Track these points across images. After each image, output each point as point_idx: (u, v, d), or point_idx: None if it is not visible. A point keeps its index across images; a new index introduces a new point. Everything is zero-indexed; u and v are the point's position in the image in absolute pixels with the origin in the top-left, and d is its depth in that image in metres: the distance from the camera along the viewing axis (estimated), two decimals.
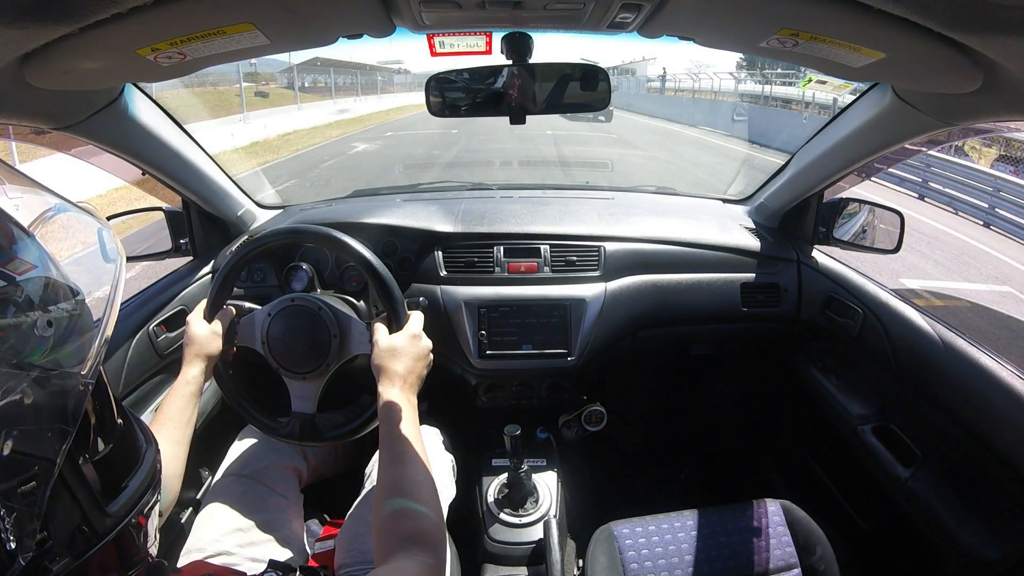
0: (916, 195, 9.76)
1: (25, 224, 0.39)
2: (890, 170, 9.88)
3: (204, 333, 0.98)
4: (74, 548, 0.38)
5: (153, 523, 0.49)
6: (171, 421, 0.88)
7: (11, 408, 0.32)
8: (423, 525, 0.69)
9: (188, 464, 0.88)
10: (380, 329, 0.96)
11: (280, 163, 10.81)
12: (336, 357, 1.00)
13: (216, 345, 0.98)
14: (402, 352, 0.92)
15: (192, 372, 0.94)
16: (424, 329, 0.99)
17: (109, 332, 0.41)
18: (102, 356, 0.40)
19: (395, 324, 0.98)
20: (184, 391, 0.92)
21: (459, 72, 0.91)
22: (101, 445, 0.42)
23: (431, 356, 0.99)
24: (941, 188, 9.53)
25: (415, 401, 0.91)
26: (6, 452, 0.31)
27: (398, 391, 0.88)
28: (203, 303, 1.02)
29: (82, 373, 0.37)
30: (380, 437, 0.83)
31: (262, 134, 13.32)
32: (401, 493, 0.72)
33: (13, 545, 0.31)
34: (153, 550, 0.50)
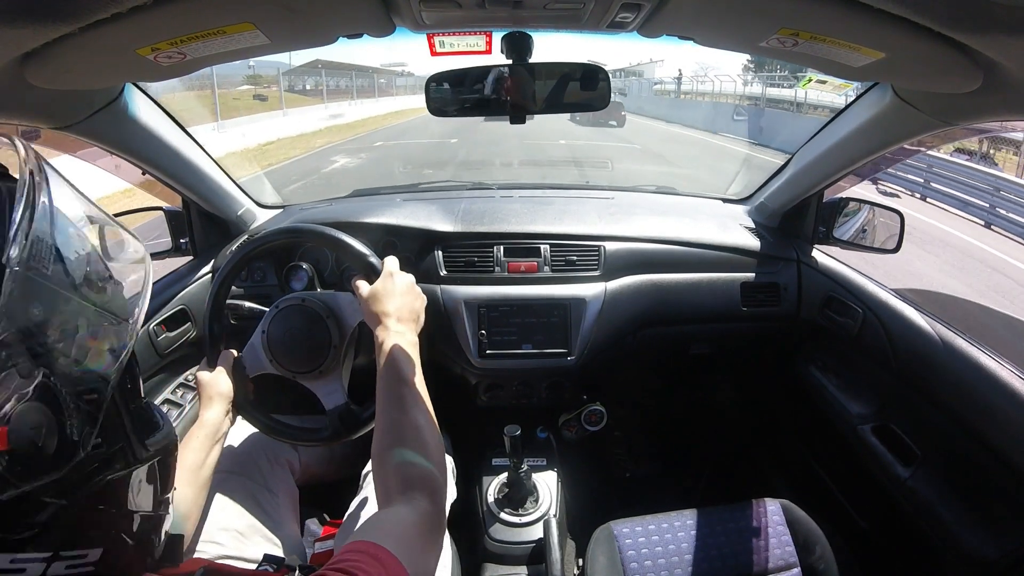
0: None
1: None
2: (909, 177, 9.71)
3: (212, 376, 0.97)
4: (118, 461, 0.46)
5: (172, 481, 0.57)
6: (184, 465, 0.84)
7: (84, 332, 0.43)
8: (423, 472, 0.69)
9: None
10: (361, 285, 0.94)
11: (244, 183, 9.74)
12: (340, 338, 1.01)
13: (226, 384, 0.97)
14: (385, 292, 0.91)
15: (209, 415, 0.93)
16: (424, 329, 0.99)
17: (147, 301, 0.51)
18: (144, 310, 0.50)
19: (372, 274, 0.97)
20: (200, 434, 0.90)
21: (459, 72, 0.91)
22: (136, 401, 0.51)
23: (418, 288, 0.97)
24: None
25: (413, 338, 0.88)
26: (77, 367, 0.41)
27: (393, 331, 0.86)
28: (204, 361, 1.02)
29: (130, 321, 0.48)
30: (378, 379, 0.80)
31: (238, 144, 11.43)
32: (402, 441, 0.71)
33: (77, 437, 0.40)
34: (171, 506, 0.57)
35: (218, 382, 0.97)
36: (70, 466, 0.40)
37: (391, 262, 0.98)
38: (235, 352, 1.03)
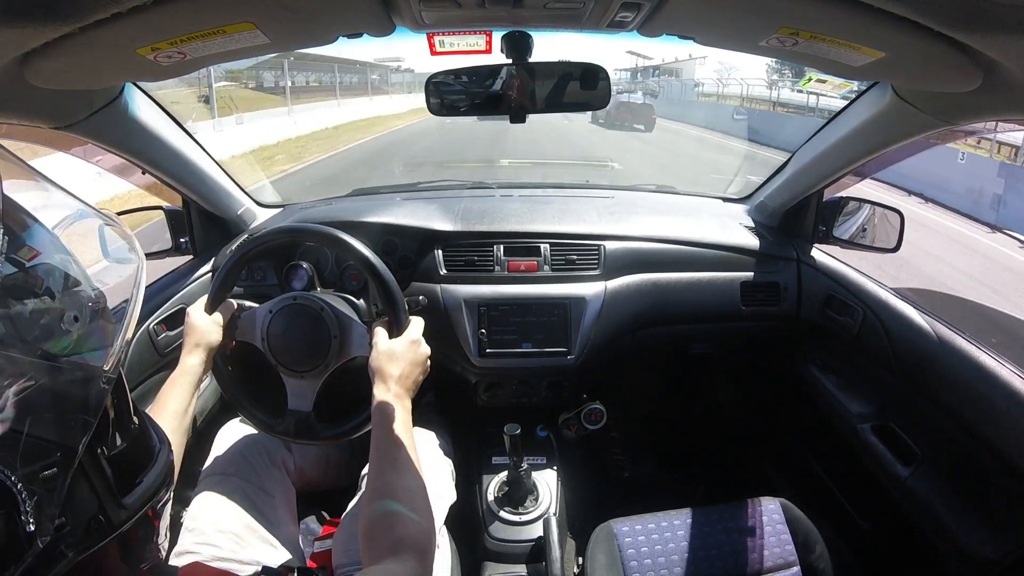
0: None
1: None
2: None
3: (204, 323, 0.97)
4: (89, 536, 0.39)
5: (165, 521, 0.50)
6: (168, 411, 0.87)
7: (36, 395, 0.34)
8: (414, 531, 0.69)
9: (187, 462, 0.88)
10: (380, 332, 0.95)
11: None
12: (335, 357, 1.01)
13: (216, 336, 0.97)
14: (399, 356, 0.92)
15: (191, 361, 0.93)
16: (424, 328, 0.99)
17: (130, 333, 0.42)
18: (124, 355, 0.41)
19: (395, 328, 0.97)
20: (182, 381, 0.91)
21: (459, 71, 0.91)
22: (119, 441, 0.44)
23: (428, 363, 0.99)
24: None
25: (409, 406, 0.90)
26: (29, 438, 0.33)
27: (392, 395, 0.88)
28: (204, 297, 1.02)
29: (104, 369, 0.39)
30: (372, 440, 0.82)
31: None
32: (394, 497, 0.72)
33: (32, 527, 0.32)
34: (164, 545, 0.51)
35: (209, 331, 0.97)
36: (25, 564, 0.32)
37: (417, 325, 0.99)
38: (235, 305, 1.02)
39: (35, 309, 0.35)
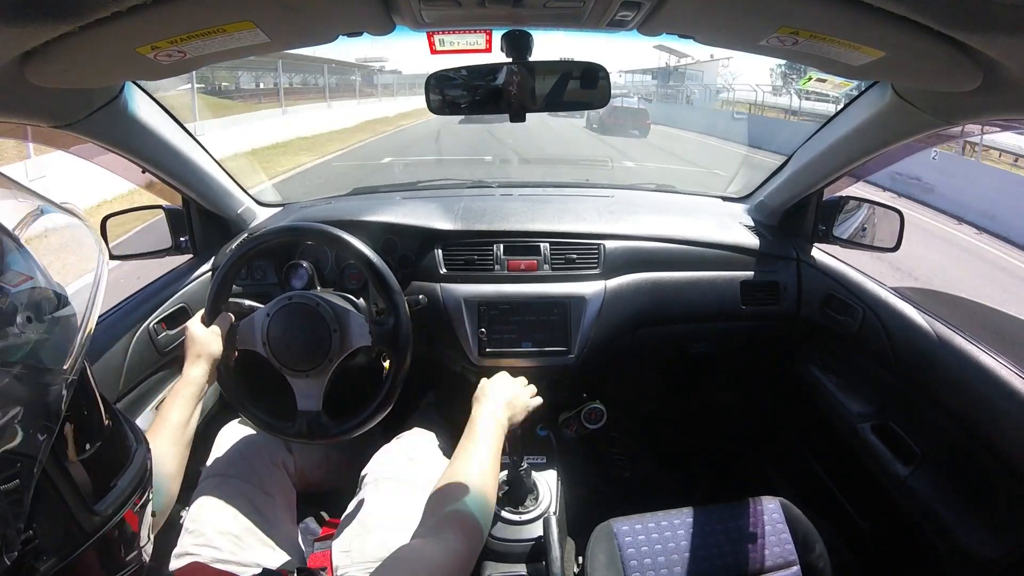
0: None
1: (10, 227, 0.39)
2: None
3: (205, 334, 0.98)
4: (61, 547, 0.37)
5: (146, 523, 0.48)
6: (170, 422, 0.87)
7: None
8: (468, 515, 0.75)
9: (187, 463, 0.88)
10: (483, 382, 1.10)
11: None
12: (337, 352, 1.01)
13: (217, 346, 0.98)
14: (506, 384, 1.07)
15: (194, 372, 0.94)
16: (424, 327, 1.00)
17: (91, 327, 0.40)
18: (83, 352, 0.39)
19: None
20: (185, 392, 0.91)
21: (458, 70, 0.91)
22: (88, 444, 0.41)
23: (532, 403, 1.12)
24: None
25: (505, 425, 1.00)
26: None
27: (489, 412, 0.99)
28: (202, 311, 1.03)
29: (63, 369, 0.37)
30: (464, 436, 0.92)
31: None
32: (462, 488, 0.79)
33: None
34: (148, 548, 0.49)
35: (210, 341, 0.97)
36: None
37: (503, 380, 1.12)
38: (233, 317, 1.03)
39: None
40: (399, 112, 19.93)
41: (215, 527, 0.93)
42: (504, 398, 1.04)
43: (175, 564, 0.88)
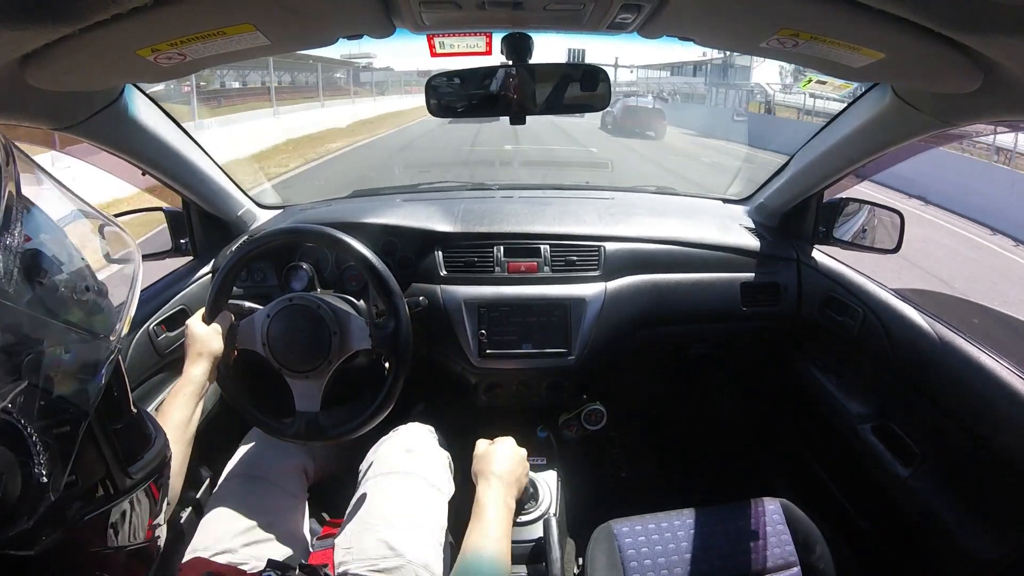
0: None
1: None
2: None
3: (205, 332, 0.98)
4: (94, 500, 0.41)
5: (163, 505, 0.52)
6: (172, 421, 0.87)
7: (55, 357, 0.37)
8: None
9: (188, 463, 0.88)
10: (480, 443, 1.08)
11: None
12: (337, 354, 1.01)
13: (218, 345, 0.98)
14: (500, 454, 1.02)
15: (194, 371, 0.94)
16: (425, 328, 1.00)
17: (134, 308, 0.46)
18: (127, 328, 0.44)
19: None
20: (186, 390, 0.91)
21: (458, 72, 0.91)
22: (119, 421, 0.46)
23: (528, 466, 1.09)
24: None
25: (512, 503, 0.98)
26: (46, 394, 0.35)
27: (493, 488, 0.96)
28: (203, 310, 1.03)
29: (111, 338, 0.42)
30: (469, 529, 0.90)
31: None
32: None
33: (45, 479, 0.34)
34: (162, 533, 0.52)
35: (210, 340, 0.97)
36: (37, 515, 0.34)
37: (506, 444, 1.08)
38: (233, 316, 1.04)
39: (53, 280, 0.38)
40: (390, 111, 19.43)
41: (232, 526, 0.94)
42: (511, 478, 1.01)
43: (186, 559, 0.89)
